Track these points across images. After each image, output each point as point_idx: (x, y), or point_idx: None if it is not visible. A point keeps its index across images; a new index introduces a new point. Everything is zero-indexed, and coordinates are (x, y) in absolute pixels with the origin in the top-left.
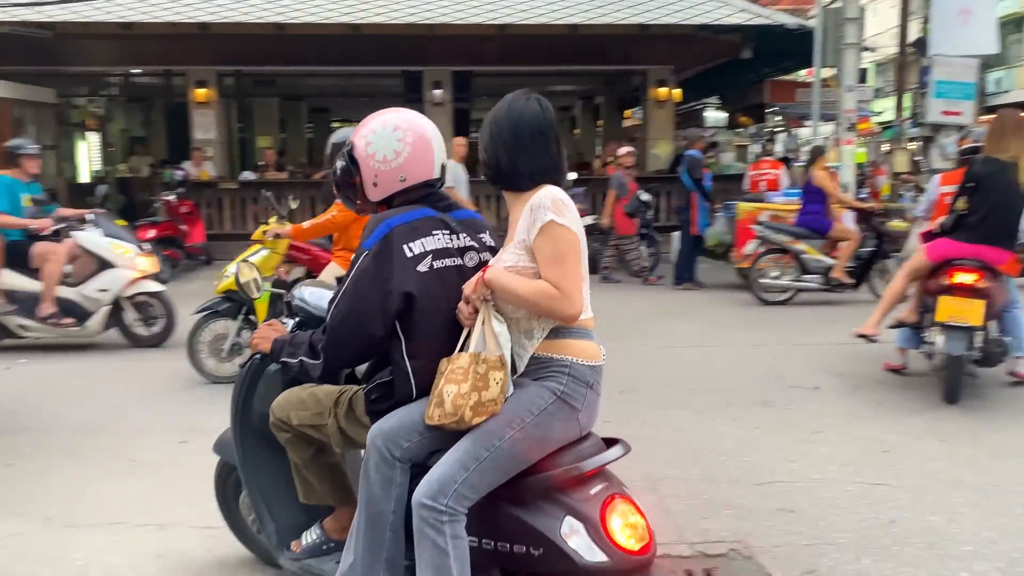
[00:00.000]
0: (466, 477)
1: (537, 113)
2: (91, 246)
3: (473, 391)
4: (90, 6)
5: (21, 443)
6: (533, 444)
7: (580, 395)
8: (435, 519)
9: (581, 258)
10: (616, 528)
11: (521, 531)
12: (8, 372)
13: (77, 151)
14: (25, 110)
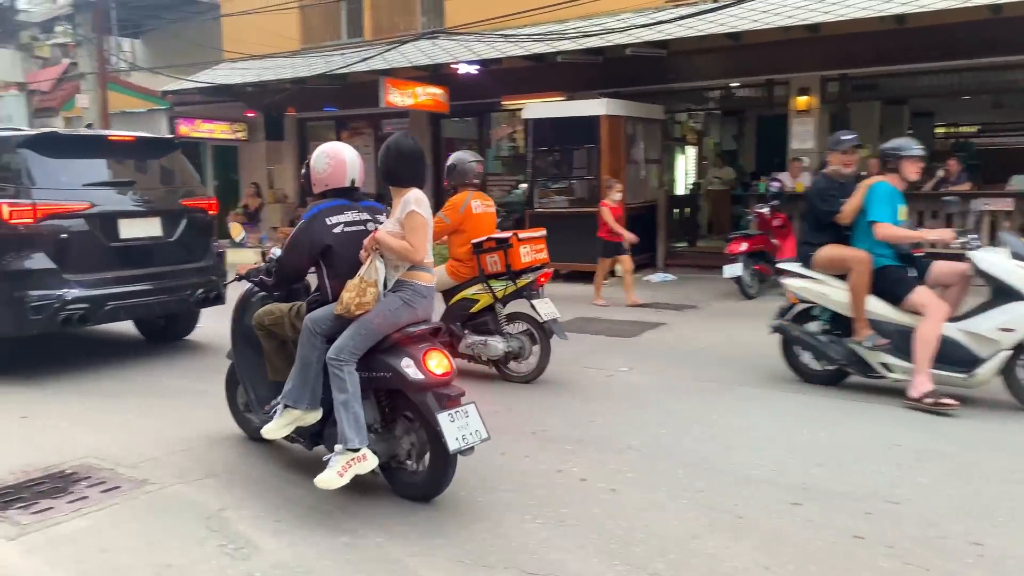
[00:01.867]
0: (353, 343)
1: (414, 144)
2: (994, 270)
3: (358, 296)
4: (703, 19)
5: (622, 464)
6: (387, 324)
7: (417, 300)
8: (337, 364)
9: (427, 230)
10: (431, 363)
11: (383, 366)
12: (610, 380)
13: (676, 164)
14: (636, 126)
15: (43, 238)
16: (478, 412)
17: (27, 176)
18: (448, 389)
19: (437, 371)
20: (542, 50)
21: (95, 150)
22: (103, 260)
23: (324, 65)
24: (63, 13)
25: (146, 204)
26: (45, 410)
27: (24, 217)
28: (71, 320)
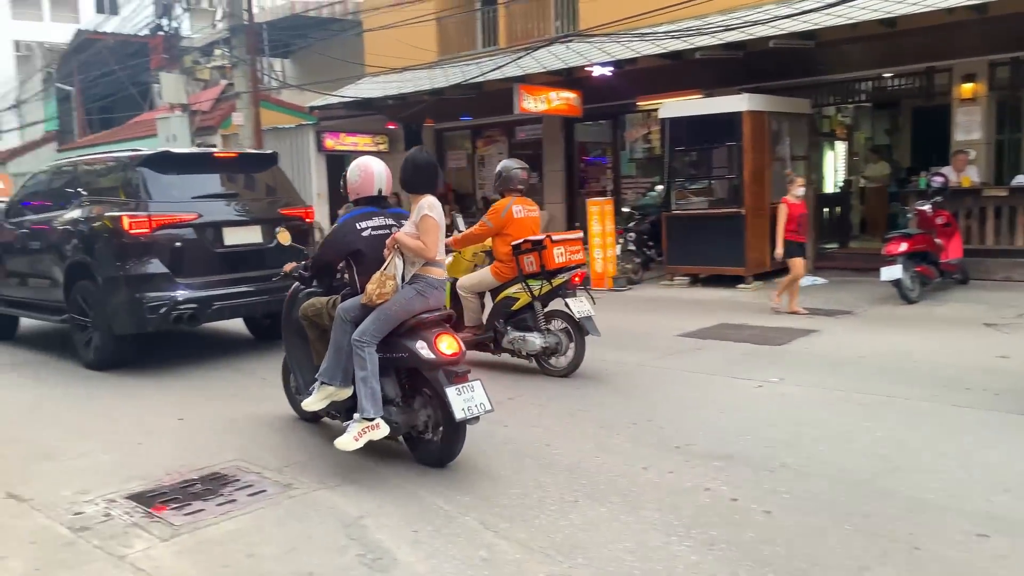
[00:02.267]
0: (374, 327)
1: (428, 156)
2: None
3: (379, 288)
4: (854, 6)
5: (777, 484)
6: (403, 311)
7: (429, 291)
8: (359, 345)
9: (438, 231)
10: (442, 345)
11: (401, 347)
12: (759, 391)
13: (825, 161)
14: (781, 122)
15: (157, 246)
16: (483, 388)
17: (144, 191)
18: (456, 367)
19: (447, 352)
20: (679, 47)
21: (203, 166)
22: (210, 265)
23: (460, 75)
24: (221, 37)
25: (248, 214)
26: (200, 412)
27: (141, 228)
28: (182, 318)
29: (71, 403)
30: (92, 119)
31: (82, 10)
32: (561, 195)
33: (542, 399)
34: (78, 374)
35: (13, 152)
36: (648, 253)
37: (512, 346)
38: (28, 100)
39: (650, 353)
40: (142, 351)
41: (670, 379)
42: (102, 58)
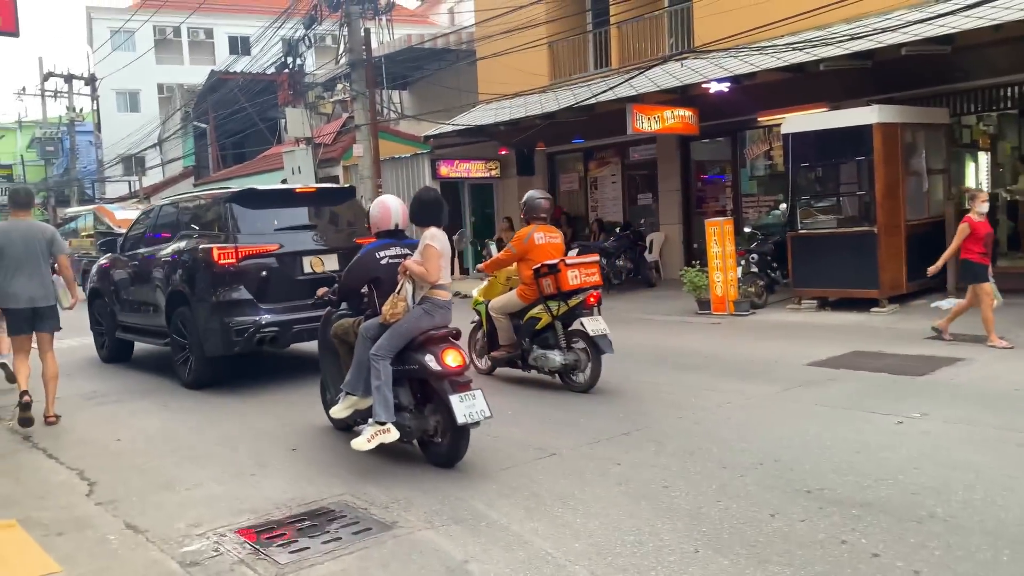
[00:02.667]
0: (387, 343)
1: (433, 194)
2: None
3: (391, 308)
4: (996, 6)
5: (925, 537)
6: (413, 329)
7: (435, 311)
8: (375, 359)
9: (440, 258)
10: (448, 359)
11: (413, 360)
12: (900, 428)
13: (966, 174)
14: (916, 133)
15: (244, 275)
16: (484, 397)
17: (233, 225)
18: (461, 378)
19: (452, 364)
20: (802, 59)
21: (286, 201)
22: (291, 291)
23: (572, 98)
24: (342, 72)
25: (325, 243)
26: (312, 442)
27: (228, 258)
28: (264, 341)
29: (193, 429)
30: (225, 154)
31: (217, 52)
32: (677, 216)
33: (657, 435)
34: (203, 401)
35: (155, 187)
36: (772, 275)
37: (536, 363)
38: (168, 138)
39: (777, 384)
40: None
41: (800, 413)
42: (233, 96)
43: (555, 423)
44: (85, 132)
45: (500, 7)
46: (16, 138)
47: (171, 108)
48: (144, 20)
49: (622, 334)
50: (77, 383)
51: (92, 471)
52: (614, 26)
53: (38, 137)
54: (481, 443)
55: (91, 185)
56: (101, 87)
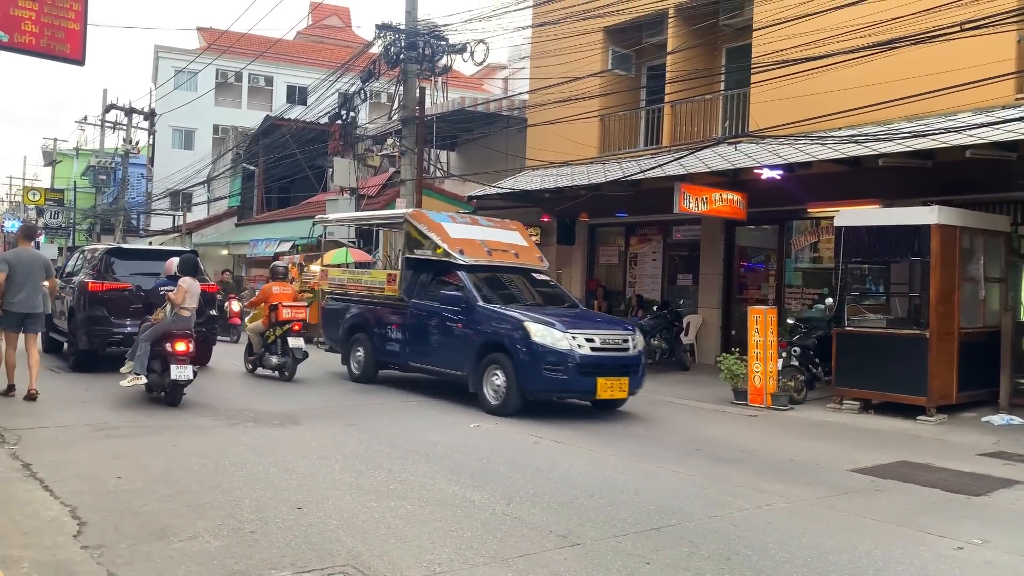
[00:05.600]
0: (150, 333)
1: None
2: None
3: (155, 315)
4: None
5: None
6: (165, 328)
7: (179, 320)
8: (141, 341)
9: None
10: (178, 347)
11: (160, 345)
12: (958, 555)
13: (1023, 285)
14: (975, 239)
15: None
16: (193, 369)
17: (105, 268)
18: (181, 356)
19: (179, 349)
20: (860, 153)
21: (142, 256)
22: (136, 312)
23: (619, 171)
24: (393, 128)
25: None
26: (320, 502)
27: (97, 288)
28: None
29: (198, 474)
30: (270, 197)
31: (275, 99)
32: (717, 300)
33: (691, 533)
34: (215, 445)
35: (198, 223)
36: (814, 371)
37: (264, 363)
38: (217, 177)
39: (820, 488)
40: (262, 419)
41: (847, 525)
42: (284, 142)
43: (580, 508)
44: (138, 164)
45: (555, 76)
46: (72, 164)
47: (223, 148)
48: (208, 63)
49: (655, 417)
50: (92, 412)
51: (85, 510)
52: (667, 104)
53: (93, 165)
54: (499, 522)
55: (137, 216)
56: (159, 123)
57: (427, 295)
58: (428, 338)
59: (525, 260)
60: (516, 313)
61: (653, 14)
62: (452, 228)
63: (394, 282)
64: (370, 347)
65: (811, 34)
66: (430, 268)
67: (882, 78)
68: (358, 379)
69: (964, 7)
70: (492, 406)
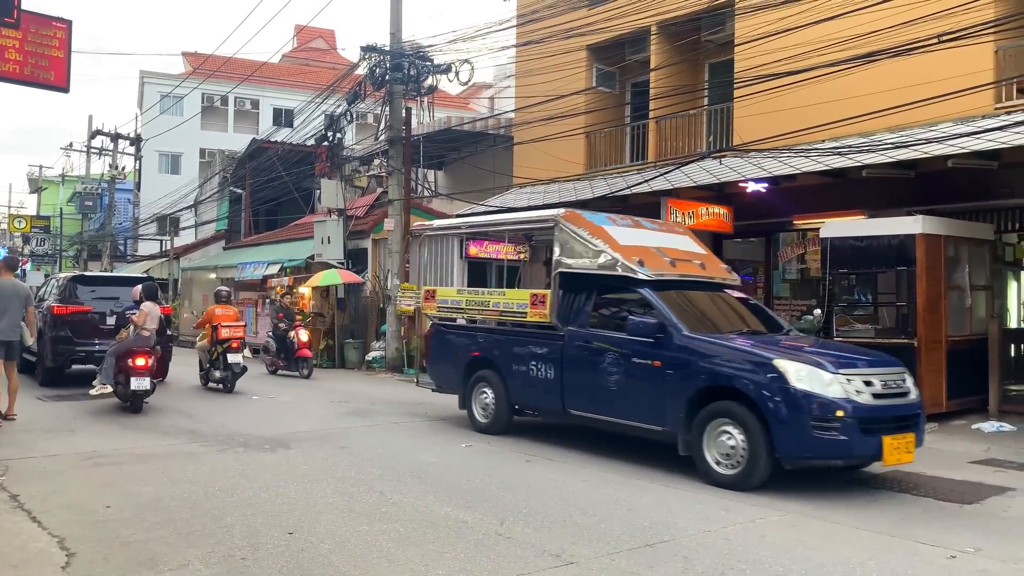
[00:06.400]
0: (115, 349)
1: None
2: None
3: (120, 335)
4: None
5: None
6: (128, 345)
7: (141, 339)
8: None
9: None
10: (138, 361)
11: (123, 360)
12: (951, 564)
13: (1008, 293)
14: (960, 247)
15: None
16: (151, 381)
17: (69, 293)
18: (141, 370)
19: (138, 363)
20: (844, 164)
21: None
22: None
23: (606, 187)
24: (380, 149)
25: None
26: (312, 527)
27: (61, 312)
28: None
29: (188, 501)
30: (258, 220)
31: (261, 122)
32: None
33: (685, 549)
34: (206, 472)
35: (186, 248)
36: None
37: (208, 376)
38: (204, 201)
39: (811, 501)
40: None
41: (840, 537)
42: (271, 164)
43: (573, 525)
44: (125, 190)
45: (540, 94)
46: (58, 191)
47: (210, 172)
48: (194, 87)
49: None
50: (80, 440)
51: (74, 540)
52: (652, 120)
53: (79, 192)
54: (492, 542)
55: (124, 242)
56: (145, 148)
57: (594, 321)
58: (599, 378)
59: (712, 272)
60: (754, 347)
61: (636, 31)
62: (617, 232)
63: (542, 304)
64: (503, 389)
65: (792, 48)
66: (593, 285)
67: (864, 90)
68: (486, 428)
69: (942, 19)
70: (722, 476)
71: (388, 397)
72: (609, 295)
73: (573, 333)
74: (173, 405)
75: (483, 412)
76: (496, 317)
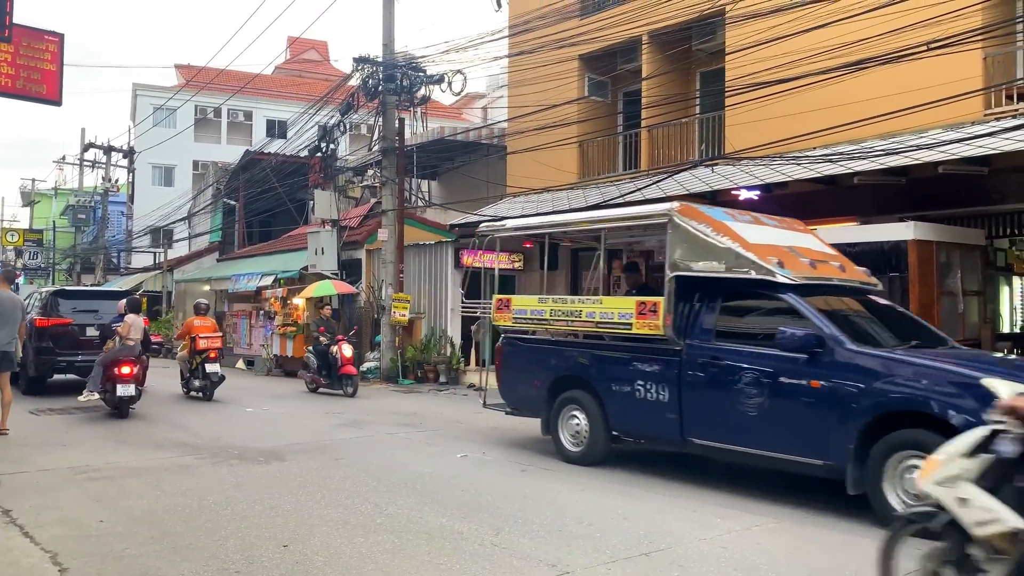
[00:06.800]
0: (103, 358)
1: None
2: None
3: (106, 345)
4: None
5: None
6: (114, 355)
7: (126, 349)
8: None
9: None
10: (124, 369)
11: (109, 368)
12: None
13: (1000, 298)
14: (951, 253)
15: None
16: (137, 387)
17: (51, 306)
18: (126, 377)
19: (124, 371)
20: (835, 171)
21: (83, 296)
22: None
23: (599, 196)
24: (374, 159)
25: (97, 319)
26: (306, 539)
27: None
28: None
29: (182, 515)
30: (252, 231)
31: (255, 133)
32: None
33: (680, 557)
34: (199, 484)
35: (179, 260)
36: None
37: (189, 386)
38: (198, 213)
39: (806, 508)
40: (248, 456)
41: (834, 544)
42: (265, 176)
43: (569, 535)
44: (118, 202)
45: (533, 104)
46: (51, 204)
47: (203, 184)
48: (187, 99)
49: None
50: (73, 454)
51: (67, 555)
52: (644, 129)
53: (72, 205)
54: (488, 553)
55: (117, 254)
56: (138, 160)
57: (722, 333)
58: (733, 402)
59: (852, 275)
60: (947, 363)
61: (627, 41)
62: (743, 229)
63: (653, 313)
64: (600, 412)
65: (782, 57)
66: (716, 291)
67: (854, 98)
68: (578, 459)
69: (930, 27)
70: None
71: (382, 408)
72: (737, 302)
73: (695, 348)
74: (167, 417)
75: (573, 440)
76: (590, 329)
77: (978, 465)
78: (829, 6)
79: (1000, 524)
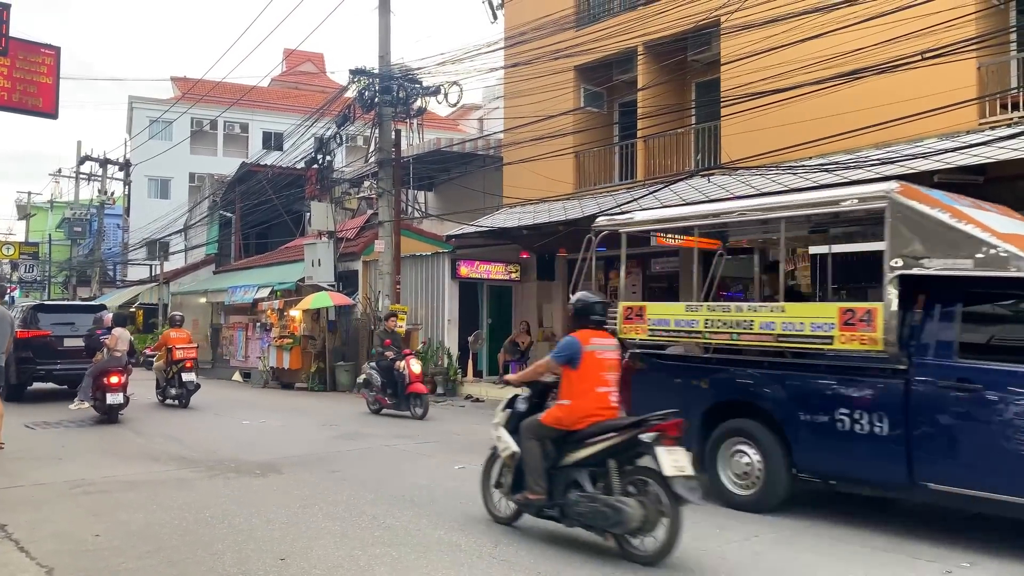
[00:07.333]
0: (92, 368)
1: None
2: None
3: (95, 358)
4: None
5: None
6: (103, 365)
7: (114, 360)
8: (86, 375)
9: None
10: (112, 379)
11: (100, 379)
12: None
13: None
14: None
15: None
16: (124, 396)
17: (31, 319)
18: (115, 386)
19: (112, 380)
20: (831, 180)
21: (61, 310)
22: (57, 354)
23: (595, 206)
24: (370, 171)
25: (75, 331)
26: (304, 552)
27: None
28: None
29: (178, 528)
30: (248, 243)
31: (251, 145)
32: None
33: (680, 570)
34: (196, 497)
35: (175, 272)
36: None
37: (165, 393)
38: (194, 225)
39: (805, 517)
40: (243, 470)
41: (834, 553)
42: (261, 188)
43: (568, 547)
44: (114, 215)
45: (529, 115)
46: (47, 217)
47: (200, 196)
48: (183, 112)
49: None
50: (68, 468)
51: (62, 570)
52: (640, 139)
53: (68, 217)
54: (486, 566)
55: (113, 267)
56: (135, 172)
57: (968, 347)
58: (994, 439)
59: None
60: None
61: (622, 52)
62: (983, 216)
63: (866, 323)
64: (780, 448)
65: (777, 67)
66: (955, 295)
67: (850, 107)
68: (747, 504)
69: (925, 36)
70: None
71: (380, 420)
72: (986, 309)
73: (929, 367)
74: (163, 431)
75: (740, 480)
76: (768, 344)
77: (505, 416)
78: (824, 17)
79: (508, 449)
